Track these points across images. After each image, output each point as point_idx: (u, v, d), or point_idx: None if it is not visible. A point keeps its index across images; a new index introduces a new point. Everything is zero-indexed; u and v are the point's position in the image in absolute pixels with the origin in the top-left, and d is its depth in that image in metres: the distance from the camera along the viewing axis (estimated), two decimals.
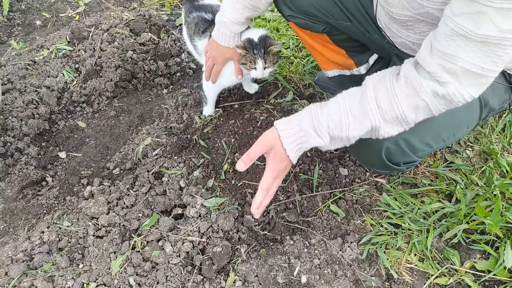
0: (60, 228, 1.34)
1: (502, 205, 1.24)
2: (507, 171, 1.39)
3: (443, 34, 0.77)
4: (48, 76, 1.94)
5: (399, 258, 1.23)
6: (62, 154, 1.69)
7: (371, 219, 1.33)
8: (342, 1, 1.27)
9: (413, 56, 0.92)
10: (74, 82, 1.93)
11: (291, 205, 1.38)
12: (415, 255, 1.23)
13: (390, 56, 1.28)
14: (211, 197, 1.36)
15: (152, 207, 1.38)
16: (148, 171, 1.50)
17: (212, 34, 1.39)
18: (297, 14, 1.36)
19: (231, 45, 1.37)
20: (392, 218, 1.31)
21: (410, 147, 1.03)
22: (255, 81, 1.74)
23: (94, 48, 2.02)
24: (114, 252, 1.26)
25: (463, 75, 0.78)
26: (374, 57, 1.50)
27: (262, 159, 1.36)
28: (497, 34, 0.70)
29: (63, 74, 1.95)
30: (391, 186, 1.41)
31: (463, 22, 0.73)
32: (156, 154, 1.58)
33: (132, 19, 2.20)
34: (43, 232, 1.33)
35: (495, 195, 1.30)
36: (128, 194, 1.42)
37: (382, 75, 0.92)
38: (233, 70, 1.46)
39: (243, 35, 1.39)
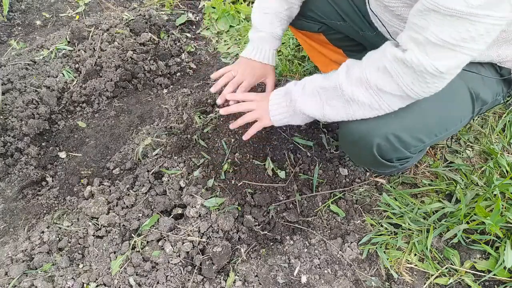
0: (60, 228, 1.34)
1: (502, 205, 1.24)
2: (507, 171, 1.39)
3: (417, 10, 0.80)
4: (48, 76, 1.94)
5: (399, 258, 1.23)
6: (62, 154, 1.69)
7: (371, 219, 1.33)
8: (336, 1, 1.29)
9: None
10: (74, 82, 1.93)
11: (291, 205, 1.38)
12: (415, 255, 1.23)
13: None
14: (211, 197, 1.36)
15: (152, 207, 1.38)
16: (148, 171, 1.50)
17: (243, 54, 1.34)
18: None
19: (271, 62, 1.34)
20: (392, 218, 1.31)
21: (401, 143, 1.02)
22: None
23: (94, 48, 2.02)
24: (114, 252, 1.26)
25: (428, 46, 0.80)
26: None
27: (262, 159, 1.37)
28: (465, 9, 0.72)
29: (63, 74, 1.95)
30: (391, 186, 1.41)
31: None
32: (156, 154, 1.58)
33: (132, 19, 2.20)
34: (43, 232, 1.33)
35: (495, 195, 1.30)
36: (128, 194, 1.42)
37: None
38: None
39: None
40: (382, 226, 1.30)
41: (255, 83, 1.36)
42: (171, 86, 1.99)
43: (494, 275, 1.15)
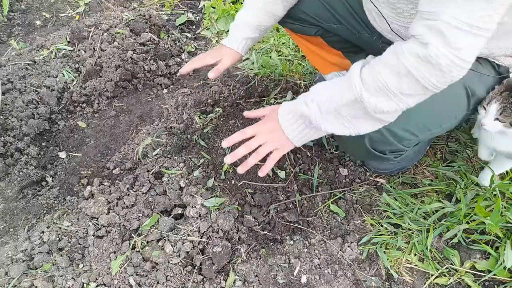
0: (60, 228, 1.34)
1: (502, 205, 1.24)
2: (507, 171, 1.39)
3: None
4: (48, 76, 1.94)
5: (399, 258, 1.23)
6: (62, 154, 1.69)
7: (371, 219, 1.33)
8: (331, 5, 1.30)
9: None
10: (74, 82, 1.93)
11: (291, 205, 1.38)
12: (415, 255, 1.23)
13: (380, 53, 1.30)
14: (211, 197, 1.36)
15: (152, 207, 1.38)
16: (148, 171, 1.50)
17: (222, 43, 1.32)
18: (288, 20, 1.39)
19: (238, 49, 1.29)
20: (392, 218, 1.31)
21: (393, 136, 1.01)
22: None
23: (94, 48, 2.02)
24: (114, 252, 1.26)
25: (449, 33, 0.71)
26: (370, 57, 1.51)
27: (262, 159, 1.37)
28: None
29: (63, 74, 1.95)
30: (391, 186, 1.41)
31: None
32: (156, 154, 1.58)
33: (132, 19, 2.20)
34: (43, 232, 1.33)
35: (495, 195, 1.30)
36: (128, 194, 1.42)
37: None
38: None
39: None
40: (382, 226, 1.30)
41: (212, 58, 1.31)
42: (171, 86, 1.99)
43: (494, 275, 1.15)
